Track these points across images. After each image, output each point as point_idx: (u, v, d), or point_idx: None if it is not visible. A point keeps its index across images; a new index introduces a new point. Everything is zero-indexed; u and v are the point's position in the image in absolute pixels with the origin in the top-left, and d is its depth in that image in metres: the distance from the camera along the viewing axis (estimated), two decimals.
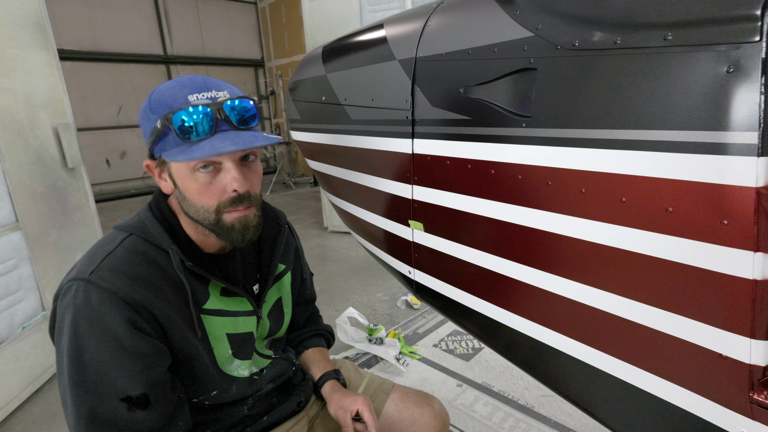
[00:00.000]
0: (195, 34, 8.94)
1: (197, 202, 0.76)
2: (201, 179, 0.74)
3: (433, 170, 0.90)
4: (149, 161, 0.80)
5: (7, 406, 2.00)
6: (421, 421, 1.08)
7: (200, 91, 0.74)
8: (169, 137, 0.73)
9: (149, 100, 0.76)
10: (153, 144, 0.76)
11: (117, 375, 0.69)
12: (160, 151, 0.76)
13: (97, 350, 0.69)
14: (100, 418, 0.68)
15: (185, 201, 0.78)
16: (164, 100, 0.74)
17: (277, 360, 0.99)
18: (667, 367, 0.58)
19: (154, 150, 0.77)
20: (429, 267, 1.00)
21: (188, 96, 0.73)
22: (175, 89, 0.75)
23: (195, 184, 0.75)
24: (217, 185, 0.75)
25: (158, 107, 0.74)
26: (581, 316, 0.67)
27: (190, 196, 0.76)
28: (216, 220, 0.77)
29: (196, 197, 0.76)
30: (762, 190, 0.46)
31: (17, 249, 2.11)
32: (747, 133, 0.45)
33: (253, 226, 0.80)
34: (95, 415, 0.68)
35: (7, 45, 2.16)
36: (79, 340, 0.69)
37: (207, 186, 0.75)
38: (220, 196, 0.76)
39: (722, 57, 0.46)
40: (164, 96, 0.74)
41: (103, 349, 0.69)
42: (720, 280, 0.51)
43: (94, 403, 0.68)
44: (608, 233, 0.61)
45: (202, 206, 0.76)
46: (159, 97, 0.75)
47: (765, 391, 0.50)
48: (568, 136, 0.62)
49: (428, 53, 0.86)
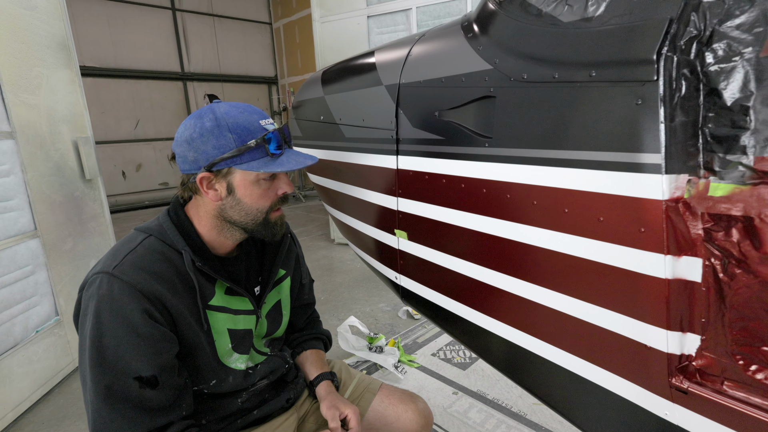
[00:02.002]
0: (212, 53, 9.26)
1: (254, 205, 0.91)
2: (264, 186, 0.91)
3: (414, 184, 0.99)
4: (206, 174, 0.88)
5: (18, 407, 2.08)
6: (404, 417, 1.14)
7: (263, 118, 0.91)
8: (255, 153, 0.87)
9: (218, 122, 0.86)
10: (227, 159, 0.86)
11: (131, 357, 0.79)
12: (232, 164, 0.86)
13: (115, 334, 0.79)
14: (115, 394, 0.78)
15: (238, 206, 0.91)
16: (241, 123, 0.87)
17: (272, 357, 1.08)
18: (604, 357, 0.66)
19: (222, 164, 0.86)
20: (412, 272, 1.08)
21: (259, 121, 0.89)
22: (244, 115, 0.89)
23: (258, 190, 0.90)
24: (273, 190, 0.92)
25: (237, 129, 0.86)
26: (537, 313, 0.75)
27: (248, 201, 0.90)
28: (264, 219, 0.93)
29: (255, 201, 0.91)
30: (668, 202, 0.54)
31: (35, 256, 2.22)
32: (654, 154, 0.54)
33: (284, 222, 1.00)
34: (111, 390, 0.78)
35: (34, 64, 2.32)
36: (101, 325, 0.79)
37: (266, 191, 0.91)
38: (273, 199, 0.93)
39: (632, 92, 0.55)
40: (238, 120, 0.87)
41: (120, 333, 0.79)
42: (641, 280, 0.59)
43: (111, 380, 0.78)
44: (554, 240, 0.69)
45: (257, 208, 0.91)
46: (234, 121, 0.87)
47: (680, 377, 0.58)
48: (521, 155, 0.71)
49: (410, 80, 0.97)
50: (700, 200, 0.52)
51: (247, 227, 0.93)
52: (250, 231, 0.94)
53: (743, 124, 0.48)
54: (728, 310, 0.53)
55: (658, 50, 0.50)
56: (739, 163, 0.49)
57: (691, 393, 0.57)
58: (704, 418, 0.57)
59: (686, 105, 0.51)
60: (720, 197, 0.50)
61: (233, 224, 0.93)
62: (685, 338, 0.58)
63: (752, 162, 0.48)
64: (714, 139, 0.50)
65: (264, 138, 0.87)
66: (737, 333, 0.54)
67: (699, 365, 0.58)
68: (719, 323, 0.55)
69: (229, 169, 0.88)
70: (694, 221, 0.53)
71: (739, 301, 0.52)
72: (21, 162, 2.15)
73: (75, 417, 2.11)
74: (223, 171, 0.88)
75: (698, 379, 0.58)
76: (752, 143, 0.48)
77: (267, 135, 0.87)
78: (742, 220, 0.49)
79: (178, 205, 0.97)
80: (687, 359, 0.58)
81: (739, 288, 0.51)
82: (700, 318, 0.56)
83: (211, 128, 0.86)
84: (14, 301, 2.08)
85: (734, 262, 0.51)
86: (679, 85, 0.50)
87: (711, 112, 0.50)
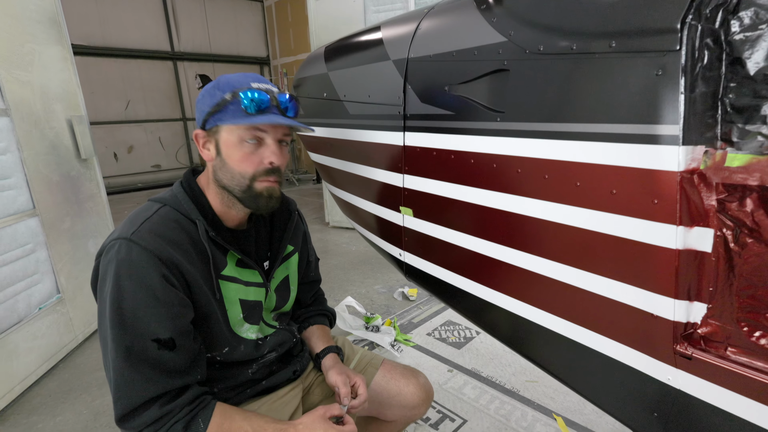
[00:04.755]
0: (202, 32, 9.06)
1: (236, 168, 0.90)
2: (246, 148, 0.89)
3: (422, 161, 0.99)
4: (200, 131, 0.94)
5: (25, 380, 2.13)
6: (406, 391, 1.18)
7: (261, 82, 0.92)
8: (231, 109, 0.88)
9: (216, 82, 0.92)
10: (212, 114, 0.89)
11: (150, 319, 0.81)
12: (216, 121, 0.89)
13: (134, 297, 0.80)
14: (134, 354, 0.80)
15: (224, 167, 0.91)
16: (231, 82, 0.90)
17: (281, 330, 1.10)
18: (611, 327, 0.68)
19: (210, 120, 0.90)
20: (417, 249, 1.10)
21: (251, 82, 0.90)
22: (241, 77, 0.92)
23: (240, 153, 0.89)
24: (257, 156, 0.90)
25: (225, 86, 0.90)
26: (543, 286, 0.77)
27: (231, 163, 0.90)
28: (248, 186, 0.91)
29: (237, 164, 0.90)
30: (684, 174, 0.55)
31: (34, 234, 2.22)
32: (671, 125, 0.55)
33: (276, 197, 0.95)
34: (131, 351, 0.80)
35: (25, 40, 2.27)
36: (120, 288, 0.80)
37: (249, 155, 0.90)
38: (257, 166, 0.90)
39: (652, 62, 0.55)
40: (231, 80, 0.91)
41: (139, 296, 0.80)
42: (651, 251, 0.60)
43: (130, 340, 0.80)
44: (567, 214, 0.70)
45: (239, 172, 0.90)
46: (226, 80, 0.91)
47: (685, 344, 0.60)
48: (534, 129, 0.72)
49: (419, 54, 0.96)
50: (716, 171, 0.53)
51: (234, 193, 0.93)
52: (240, 200, 0.93)
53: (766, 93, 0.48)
54: (736, 278, 0.55)
55: (683, 18, 0.51)
56: (759, 133, 0.50)
57: (695, 359, 0.59)
58: (706, 381, 0.59)
59: (707, 75, 0.52)
60: (737, 168, 0.51)
61: (225, 189, 0.93)
62: (692, 307, 0.60)
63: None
64: (734, 110, 0.51)
65: (238, 91, 0.87)
66: (744, 301, 0.55)
67: (704, 332, 0.60)
68: (726, 292, 0.56)
69: (217, 128, 0.91)
70: (708, 192, 0.55)
71: (749, 270, 0.53)
72: (17, 140, 2.12)
73: (80, 390, 2.15)
74: (213, 129, 0.91)
75: (702, 346, 0.60)
76: None
77: (245, 91, 0.87)
78: (758, 189, 0.50)
79: (191, 176, 0.99)
80: (692, 327, 0.60)
81: (749, 257, 0.53)
82: (708, 287, 0.58)
83: (210, 88, 0.92)
84: (16, 279, 2.10)
85: (746, 232, 0.52)
86: (702, 54, 0.51)
87: (732, 82, 0.51)
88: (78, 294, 2.54)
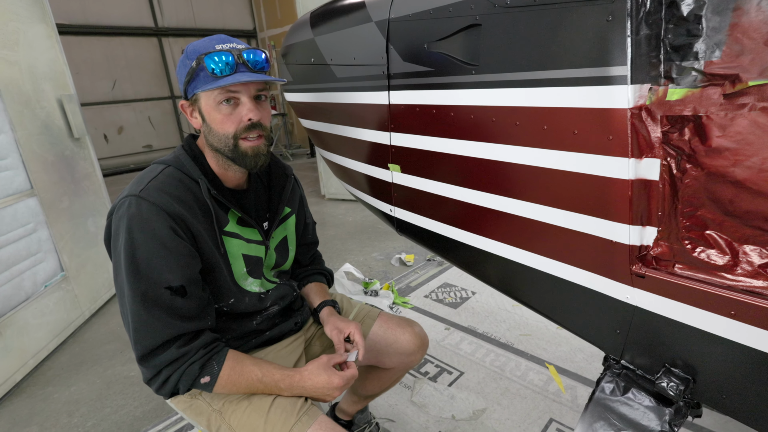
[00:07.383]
0: (185, 5, 8.83)
1: (220, 131, 0.95)
2: (223, 110, 0.94)
3: (406, 117, 1.05)
4: (184, 102, 1.00)
5: (37, 355, 2.22)
6: (402, 339, 1.27)
7: (225, 42, 0.95)
8: (201, 75, 0.93)
9: (185, 52, 0.96)
10: (187, 84, 0.95)
11: (162, 268, 0.88)
12: (193, 90, 0.95)
13: (147, 248, 0.87)
14: (150, 299, 0.88)
15: (211, 132, 0.97)
16: (197, 48, 0.95)
17: (281, 285, 1.18)
18: (578, 257, 0.76)
19: (189, 90, 0.96)
20: (406, 203, 1.16)
21: (215, 45, 0.94)
22: (206, 41, 0.96)
23: (219, 115, 0.94)
24: (236, 115, 0.95)
25: (192, 54, 0.94)
26: (519, 226, 0.84)
27: (214, 127, 0.96)
28: (234, 146, 0.96)
29: (219, 126, 0.95)
30: (633, 110, 0.62)
31: (34, 214, 2.27)
32: (621, 67, 0.61)
33: (264, 155, 0.99)
34: (146, 296, 0.87)
35: (9, 18, 2.25)
36: (133, 240, 0.87)
37: (228, 116, 0.95)
38: (238, 125, 0.95)
39: (603, 9, 0.60)
40: (197, 46, 0.96)
41: (151, 246, 0.88)
42: (609, 183, 0.67)
43: (145, 287, 0.87)
44: (537, 157, 0.77)
45: (223, 134, 0.95)
46: (192, 48, 0.96)
47: (639, 264, 0.68)
48: (505, 79, 0.77)
49: (399, 14, 1.00)
50: (660, 105, 0.59)
51: (225, 153, 0.97)
52: (232, 159, 0.98)
53: (696, 32, 0.54)
54: (680, 202, 0.62)
55: None
56: (692, 68, 0.56)
57: (648, 277, 0.67)
58: (658, 296, 0.67)
59: (650, 19, 0.57)
60: (676, 101, 0.57)
61: (218, 152, 0.99)
62: (645, 231, 0.67)
63: (702, 66, 0.55)
64: (673, 49, 0.57)
65: (201, 58, 0.91)
66: (687, 221, 0.63)
67: (655, 253, 0.67)
68: (672, 215, 0.64)
69: (196, 96, 0.96)
70: (654, 125, 0.61)
71: (689, 193, 0.60)
72: (9, 120, 2.15)
73: (91, 362, 2.24)
74: (193, 98, 0.97)
75: (654, 265, 0.68)
76: (703, 49, 0.54)
77: (209, 55, 0.90)
78: (693, 119, 0.57)
79: (192, 139, 1.05)
80: (645, 249, 0.68)
81: (689, 181, 0.60)
82: (657, 212, 0.65)
83: (183, 58, 0.97)
84: (21, 257, 2.17)
85: (685, 158, 0.59)
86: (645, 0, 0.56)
87: (671, 24, 0.56)
88: (81, 272, 2.61)
